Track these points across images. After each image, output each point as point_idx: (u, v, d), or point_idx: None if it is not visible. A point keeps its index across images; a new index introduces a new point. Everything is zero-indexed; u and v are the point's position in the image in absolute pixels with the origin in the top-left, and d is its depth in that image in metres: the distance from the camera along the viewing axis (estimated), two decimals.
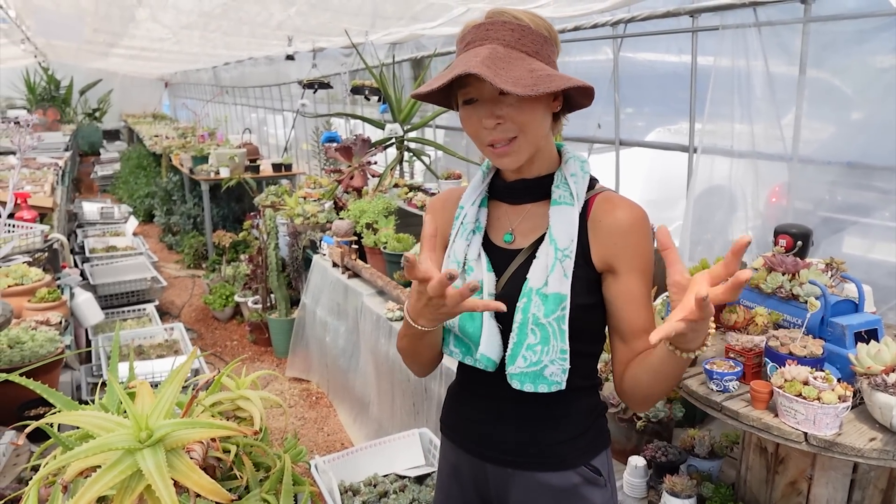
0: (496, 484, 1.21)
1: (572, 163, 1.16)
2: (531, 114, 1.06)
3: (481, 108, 1.07)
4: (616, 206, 1.12)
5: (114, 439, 0.85)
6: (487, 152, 1.11)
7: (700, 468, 1.77)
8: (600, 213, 1.12)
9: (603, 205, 1.13)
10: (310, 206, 4.22)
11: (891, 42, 2.29)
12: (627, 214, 1.10)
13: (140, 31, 6.68)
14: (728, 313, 1.71)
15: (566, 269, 1.08)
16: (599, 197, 1.14)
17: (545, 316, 1.07)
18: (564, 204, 1.11)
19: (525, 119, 1.06)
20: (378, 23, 4.82)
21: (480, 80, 1.03)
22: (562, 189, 1.13)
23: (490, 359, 1.12)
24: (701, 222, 3.01)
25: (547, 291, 1.07)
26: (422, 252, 0.98)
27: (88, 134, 14.03)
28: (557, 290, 1.07)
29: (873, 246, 2.54)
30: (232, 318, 5.29)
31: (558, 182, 1.14)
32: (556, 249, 1.09)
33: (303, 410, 3.84)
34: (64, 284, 3.22)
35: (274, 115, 9.22)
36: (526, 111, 1.06)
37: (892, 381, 1.26)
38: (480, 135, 1.09)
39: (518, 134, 1.07)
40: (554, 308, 1.07)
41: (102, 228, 6.90)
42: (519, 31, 1.04)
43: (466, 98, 1.09)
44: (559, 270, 1.08)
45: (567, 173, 1.14)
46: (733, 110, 2.80)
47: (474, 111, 1.08)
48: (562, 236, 1.09)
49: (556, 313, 1.07)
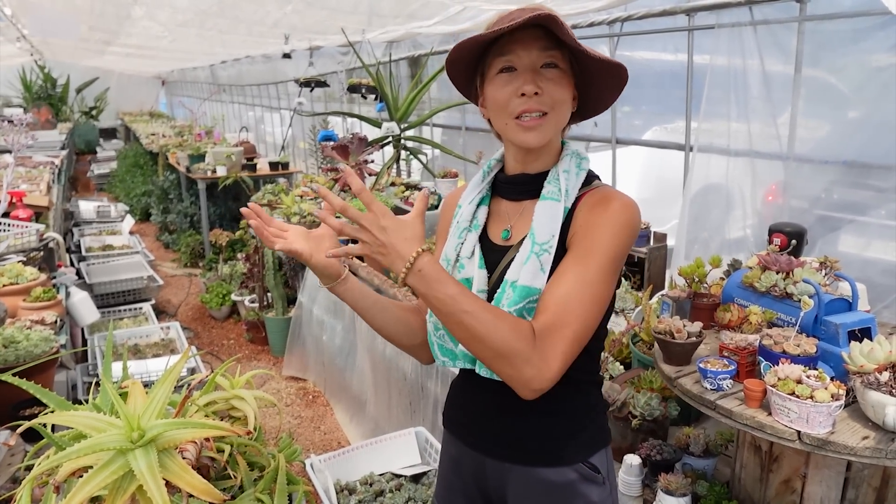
0: (495, 478, 1.22)
1: (568, 159, 1.16)
2: (565, 93, 1.09)
3: (521, 77, 1.06)
4: (602, 195, 1.11)
5: (105, 439, 0.85)
6: (512, 126, 1.09)
7: (695, 466, 1.77)
8: (586, 207, 1.11)
9: (591, 198, 1.12)
10: (307, 204, 4.21)
11: (887, 41, 2.29)
12: (607, 199, 1.09)
13: (136, 30, 6.67)
14: (722, 312, 1.72)
15: (543, 264, 1.06)
16: (591, 192, 1.13)
17: (508, 306, 1.06)
18: (551, 199, 1.11)
19: (561, 97, 1.08)
20: (374, 21, 4.82)
21: (525, 48, 1.05)
22: (552, 185, 1.13)
23: (469, 355, 1.13)
24: (697, 220, 3.01)
25: (517, 283, 1.07)
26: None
27: (85, 132, 14.00)
28: (527, 283, 1.06)
29: (869, 244, 2.55)
30: (229, 316, 5.29)
31: (551, 178, 1.14)
32: (534, 243, 1.08)
33: (299, 409, 3.84)
34: (59, 283, 3.21)
35: (271, 113, 9.21)
36: (565, 88, 1.08)
37: (884, 380, 1.27)
38: (511, 104, 1.07)
39: (550, 111, 1.07)
40: (518, 300, 1.06)
41: (99, 227, 6.89)
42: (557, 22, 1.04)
43: (507, 65, 1.08)
44: (534, 263, 1.06)
45: (560, 169, 1.14)
46: (729, 109, 2.81)
47: (511, 79, 1.07)
48: (541, 230, 1.09)
49: (520, 305, 1.05)
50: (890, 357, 1.29)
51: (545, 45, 1.06)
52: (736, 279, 1.79)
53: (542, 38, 1.06)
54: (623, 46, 3.38)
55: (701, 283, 1.91)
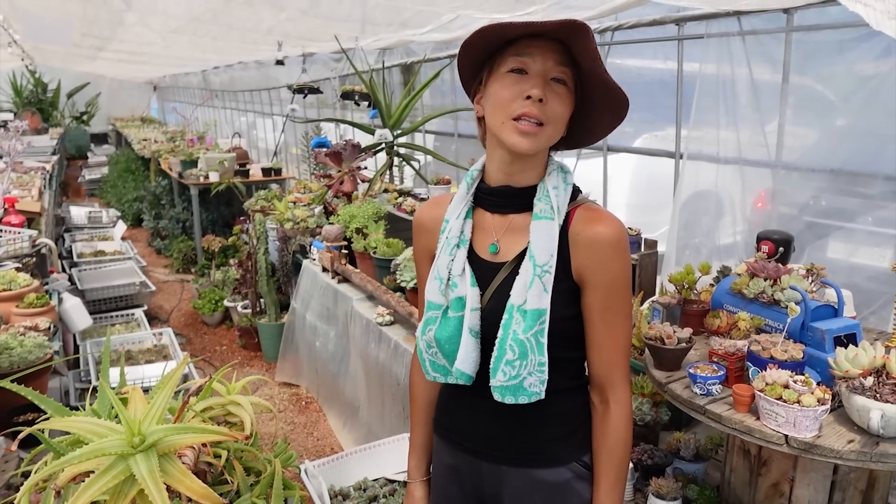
0: (491, 481, 1.24)
1: (555, 175, 1.17)
2: (565, 112, 1.11)
3: (531, 80, 1.07)
4: (595, 219, 1.13)
5: (107, 444, 0.86)
6: (509, 126, 1.08)
7: (685, 470, 1.79)
8: (580, 225, 1.13)
9: (583, 217, 1.14)
10: (299, 210, 4.22)
11: (872, 51, 2.33)
12: (604, 229, 1.12)
13: (129, 36, 6.67)
14: (711, 318, 1.74)
15: (546, 284, 1.10)
16: (580, 210, 1.15)
17: (524, 332, 1.09)
18: (545, 218, 1.12)
19: (561, 113, 1.10)
20: (368, 29, 4.84)
21: (542, 53, 1.07)
22: (543, 202, 1.14)
23: (465, 374, 1.15)
24: (687, 227, 3.04)
25: (526, 308, 1.09)
26: None
27: (76, 137, 13.93)
28: (536, 305, 1.09)
29: (856, 250, 2.59)
30: (221, 322, 5.28)
31: (540, 195, 1.15)
32: (535, 265, 1.10)
33: (292, 415, 3.84)
34: (52, 290, 3.21)
35: (264, 119, 9.21)
36: (566, 107, 1.10)
37: (869, 385, 1.29)
38: (513, 104, 1.07)
39: (547, 123, 1.08)
40: (532, 324, 1.09)
41: (90, 233, 6.86)
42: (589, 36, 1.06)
43: (519, 66, 1.08)
44: (538, 286, 1.10)
45: (549, 186, 1.15)
46: (718, 117, 2.84)
47: (520, 81, 1.07)
48: (540, 252, 1.11)
49: (535, 328, 1.09)
50: (874, 362, 1.32)
51: (561, 59, 1.08)
52: (725, 286, 1.82)
53: (560, 53, 1.08)
54: (614, 55, 3.42)
55: (691, 290, 1.94)
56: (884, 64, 2.31)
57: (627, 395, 1.18)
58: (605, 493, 1.18)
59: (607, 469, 1.18)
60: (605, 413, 1.18)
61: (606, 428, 1.18)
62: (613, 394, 1.17)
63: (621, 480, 1.19)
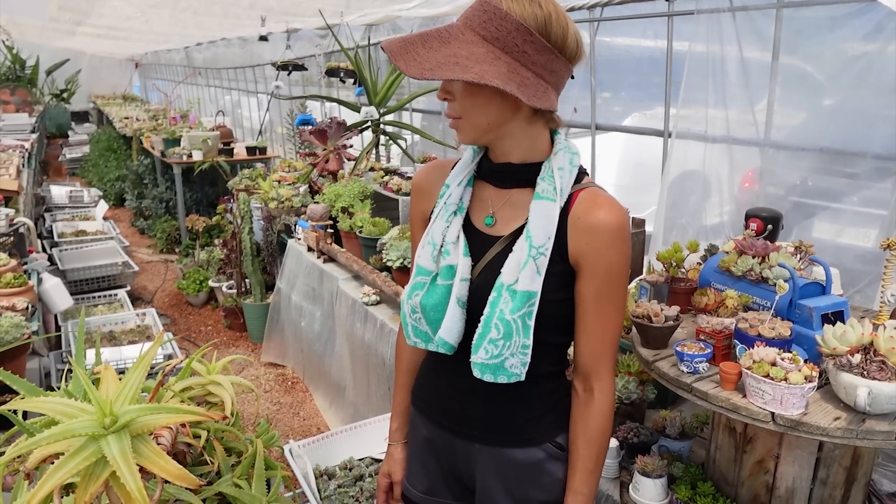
0: (464, 458, 1.26)
1: (562, 155, 1.13)
2: (471, 100, 1.06)
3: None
4: (598, 205, 1.10)
5: (77, 425, 0.83)
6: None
7: (671, 448, 1.79)
8: (581, 210, 1.10)
9: (585, 202, 1.11)
10: (284, 189, 4.17)
11: (862, 29, 2.31)
12: (606, 216, 1.09)
13: (107, 10, 6.51)
14: (699, 296, 1.73)
15: (539, 267, 1.07)
16: (584, 193, 1.12)
17: (511, 313, 1.07)
18: (546, 199, 1.09)
19: (466, 104, 1.07)
20: (353, 3, 4.76)
21: None
22: (546, 182, 1.11)
23: (448, 343, 1.13)
24: (675, 207, 3.03)
25: (517, 288, 1.07)
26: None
27: (56, 115, 13.67)
28: (527, 287, 1.07)
29: (843, 230, 2.59)
30: (206, 303, 5.23)
31: (544, 174, 1.12)
32: (531, 246, 1.07)
33: (278, 395, 3.82)
34: (31, 269, 3.15)
35: (248, 97, 9.05)
36: (467, 96, 1.07)
37: (856, 362, 1.29)
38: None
39: (461, 116, 1.09)
40: (521, 305, 1.07)
41: (71, 212, 6.75)
42: (488, 15, 1.01)
43: None
44: (531, 268, 1.07)
45: (555, 166, 1.12)
46: (708, 95, 2.82)
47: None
48: (538, 233, 1.08)
49: (523, 310, 1.07)
50: (862, 340, 1.31)
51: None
52: (713, 264, 1.81)
53: None
54: (603, 32, 3.38)
55: (678, 268, 1.93)
56: (873, 43, 2.29)
57: (612, 385, 1.17)
58: (580, 480, 1.17)
59: (585, 457, 1.17)
60: (588, 401, 1.16)
61: (588, 417, 1.16)
62: (598, 384, 1.15)
63: (598, 468, 1.18)
